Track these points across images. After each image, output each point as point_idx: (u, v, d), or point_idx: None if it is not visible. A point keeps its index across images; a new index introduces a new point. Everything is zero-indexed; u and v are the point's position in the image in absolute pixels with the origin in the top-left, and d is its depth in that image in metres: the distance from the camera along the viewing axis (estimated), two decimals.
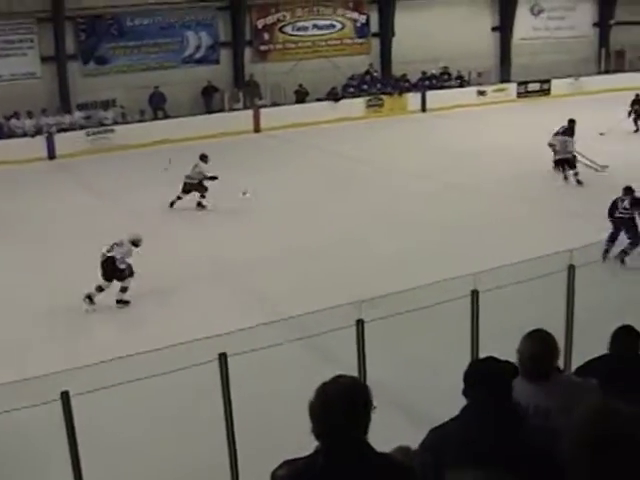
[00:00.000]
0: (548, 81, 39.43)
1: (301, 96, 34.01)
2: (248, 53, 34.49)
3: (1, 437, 9.15)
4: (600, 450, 2.71)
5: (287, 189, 22.24)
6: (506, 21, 40.17)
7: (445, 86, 37.43)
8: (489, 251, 15.15)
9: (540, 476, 3.72)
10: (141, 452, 9.38)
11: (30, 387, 8.07)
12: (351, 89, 35.36)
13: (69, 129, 29.66)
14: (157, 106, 31.90)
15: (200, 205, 21.18)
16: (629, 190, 15.46)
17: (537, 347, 4.79)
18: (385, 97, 35.61)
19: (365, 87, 35.75)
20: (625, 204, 15.30)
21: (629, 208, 15.27)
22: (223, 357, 7.94)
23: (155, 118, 31.76)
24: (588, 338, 7.57)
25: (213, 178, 20.65)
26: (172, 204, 21.06)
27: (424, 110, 36.10)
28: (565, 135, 22.78)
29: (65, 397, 7.32)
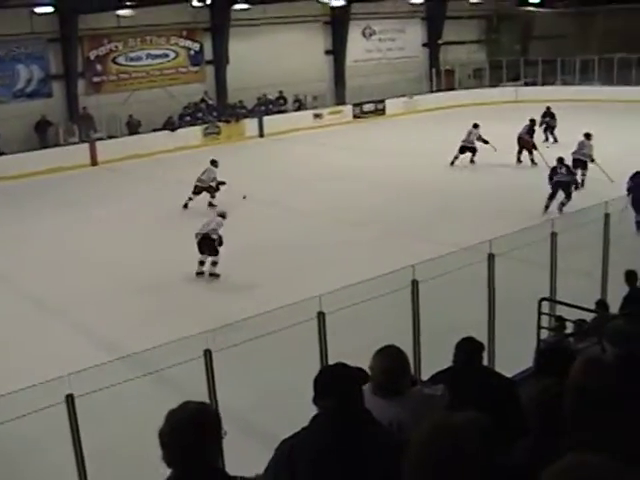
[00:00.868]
0: (382, 101, 40.32)
1: (133, 127, 33.47)
2: (81, 85, 33.61)
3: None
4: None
5: (125, 221, 21.76)
6: (339, 44, 40.91)
7: (282, 111, 37.75)
8: (332, 272, 15.39)
9: None
10: None
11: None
12: (187, 118, 35.05)
13: None
14: None
15: (211, 205, 22.87)
16: (562, 160, 20.93)
17: (388, 363, 4.76)
18: (222, 124, 35.48)
19: (200, 115, 35.52)
20: (562, 171, 20.60)
21: (565, 174, 20.57)
22: (70, 398, 7.64)
23: None
24: (435, 351, 7.65)
25: (222, 183, 22.93)
26: (185, 206, 23.05)
27: (262, 135, 36.15)
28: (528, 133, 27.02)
29: None
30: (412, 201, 22.24)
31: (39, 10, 30.33)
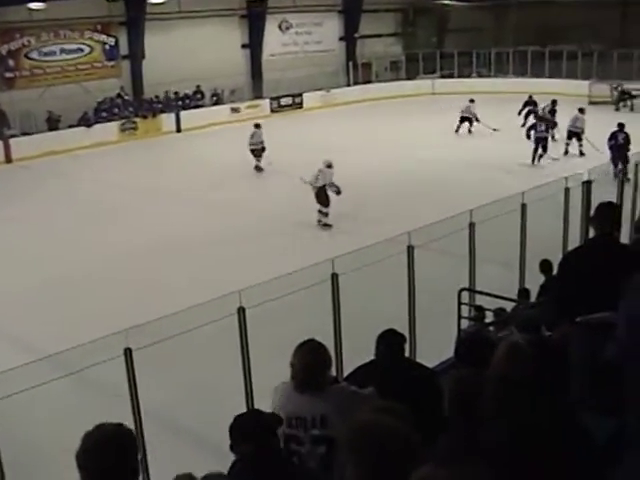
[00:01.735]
0: (300, 95, 40.30)
1: (53, 123, 32.78)
2: None
3: None
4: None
5: (42, 220, 21.32)
6: (255, 38, 40.75)
7: (199, 105, 37.46)
8: (253, 267, 15.29)
9: None
10: None
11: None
12: (103, 113, 34.49)
13: None
14: None
15: (258, 168, 26.37)
16: (542, 119, 26.74)
17: (309, 358, 4.75)
18: (139, 120, 35.00)
19: (117, 111, 34.98)
20: (542, 128, 25.74)
21: (543, 130, 25.73)
22: None
23: None
24: (357, 344, 7.66)
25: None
26: (256, 167, 26.32)
27: (179, 130, 35.79)
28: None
29: None
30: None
31: None
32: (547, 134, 26.02)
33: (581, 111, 26.65)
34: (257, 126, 26.83)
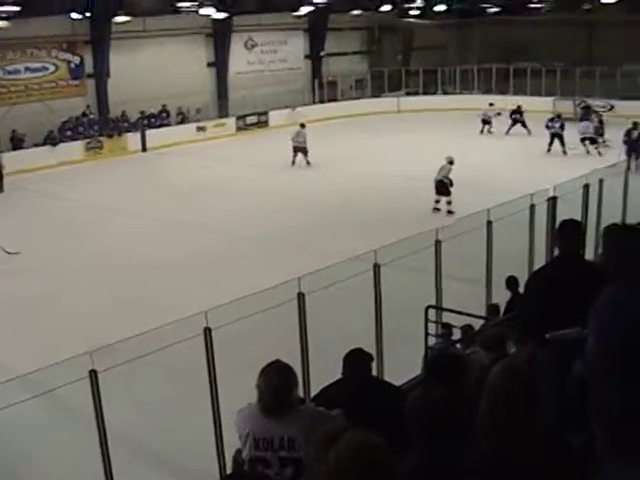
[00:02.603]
0: (266, 113, 40.28)
1: (17, 142, 32.50)
2: None
3: None
4: None
5: (6, 238, 21.05)
6: (221, 56, 40.69)
7: (164, 124, 37.33)
8: (219, 287, 15.19)
9: None
10: None
11: None
12: (68, 132, 34.24)
13: None
14: None
15: (308, 163, 29.18)
16: (559, 116, 31.09)
17: (275, 380, 4.70)
18: (104, 139, 34.77)
19: (82, 130, 34.75)
20: (556, 125, 30.14)
21: (557, 127, 30.05)
22: None
23: None
24: (324, 364, 7.61)
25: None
26: (293, 163, 29.24)
27: (145, 149, 35.54)
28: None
29: None
30: (298, 212, 22.24)
31: None
32: (561, 130, 30.08)
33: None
34: (302, 126, 30.45)
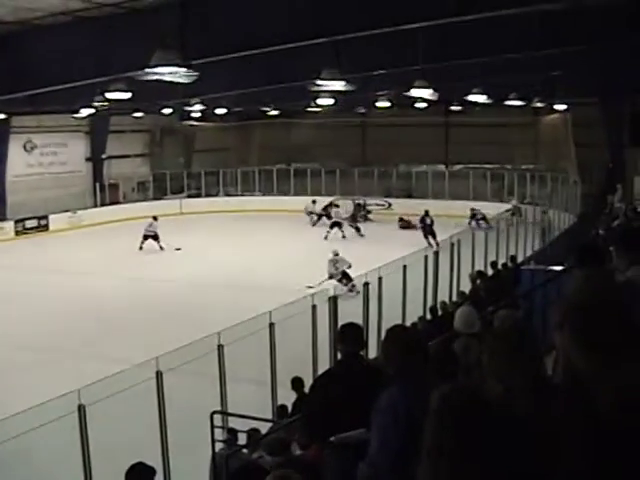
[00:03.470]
0: (46, 217, 39.21)
1: None
2: None
3: None
4: None
5: None
6: None
7: None
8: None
9: None
10: None
11: None
12: None
13: None
14: None
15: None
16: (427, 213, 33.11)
17: None
18: None
19: None
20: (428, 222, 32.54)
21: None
22: None
23: None
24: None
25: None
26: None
27: None
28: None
29: None
30: (82, 318, 21.61)
31: None
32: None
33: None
34: (154, 218, 32.84)
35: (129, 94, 19.56)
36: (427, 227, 32.38)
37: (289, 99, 31.60)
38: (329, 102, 26.96)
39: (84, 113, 34.09)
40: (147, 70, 12.56)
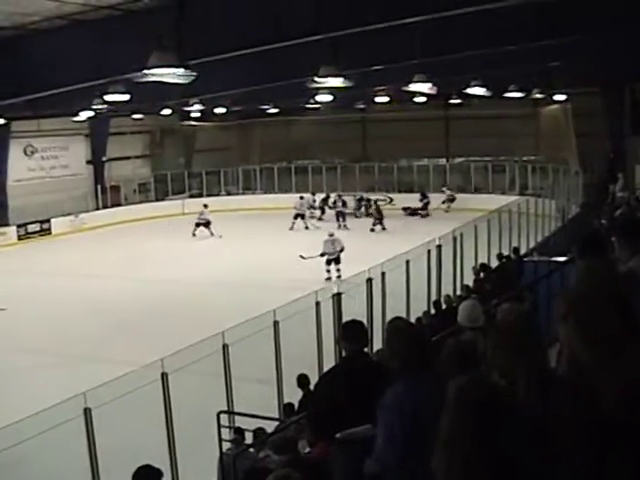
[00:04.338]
0: (48, 221, 39.19)
1: None
2: None
3: None
4: None
5: None
6: None
7: None
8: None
9: None
10: None
11: None
12: None
13: None
14: None
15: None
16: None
17: None
18: None
19: None
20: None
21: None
22: None
23: None
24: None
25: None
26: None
27: None
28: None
29: None
30: (86, 321, 21.61)
31: None
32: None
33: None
34: (205, 206, 35.36)
35: (128, 96, 19.57)
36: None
37: (288, 97, 31.51)
38: (328, 99, 26.91)
39: (84, 116, 34.02)
40: (145, 71, 12.55)
